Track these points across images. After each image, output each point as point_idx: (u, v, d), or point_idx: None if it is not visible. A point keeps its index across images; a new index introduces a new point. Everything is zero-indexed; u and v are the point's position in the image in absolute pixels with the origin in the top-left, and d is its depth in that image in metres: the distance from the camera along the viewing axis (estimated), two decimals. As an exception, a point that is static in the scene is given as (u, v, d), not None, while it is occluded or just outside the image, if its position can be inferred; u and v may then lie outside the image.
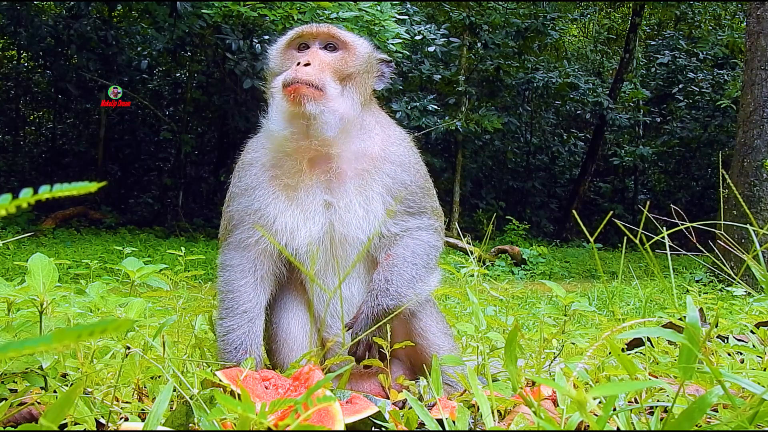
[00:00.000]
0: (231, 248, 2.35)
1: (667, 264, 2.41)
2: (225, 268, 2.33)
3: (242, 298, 2.28)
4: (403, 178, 2.34)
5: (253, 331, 2.25)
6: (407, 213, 2.34)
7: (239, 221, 2.33)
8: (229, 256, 2.35)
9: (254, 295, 2.30)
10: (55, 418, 1.27)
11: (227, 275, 2.32)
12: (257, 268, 2.32)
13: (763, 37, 11.32)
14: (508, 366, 1.67)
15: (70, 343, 0.85)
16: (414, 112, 19.33)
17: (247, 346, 2.21)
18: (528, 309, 6.06)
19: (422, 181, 2.43)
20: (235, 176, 2.44)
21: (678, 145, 26.03)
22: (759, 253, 2.03)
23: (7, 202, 0.99)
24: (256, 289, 2.31)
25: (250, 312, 2.27)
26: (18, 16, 18.17)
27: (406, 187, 2.33)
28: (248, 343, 2.22)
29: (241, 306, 2.27)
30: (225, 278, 2.32)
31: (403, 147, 2.42)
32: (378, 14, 14.93)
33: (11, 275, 9.83)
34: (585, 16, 29.39)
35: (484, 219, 21.85)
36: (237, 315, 2.26)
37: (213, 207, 21.15)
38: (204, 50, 20.22)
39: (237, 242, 2.33)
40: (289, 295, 2.43)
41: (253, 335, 2.25)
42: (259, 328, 2.29)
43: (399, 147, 2.40)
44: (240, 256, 2.32)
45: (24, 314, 2.04)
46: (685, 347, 1.40)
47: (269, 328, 2.38)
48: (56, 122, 23.64)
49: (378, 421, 1.69)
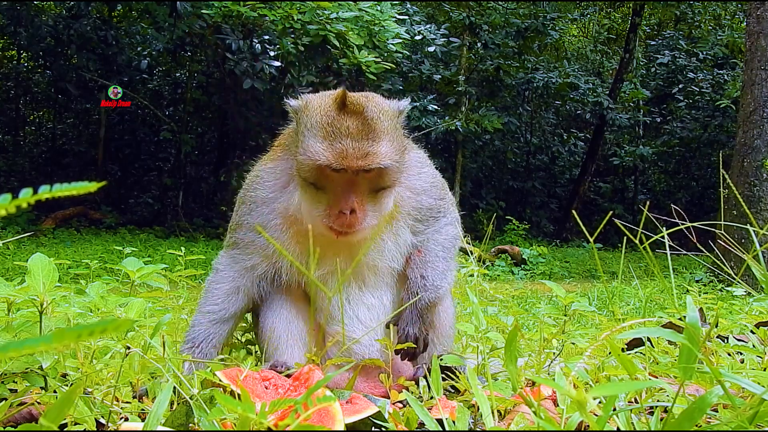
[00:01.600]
0: (226, 257, 2.48)
1: (667, 264, 2.41)
2: (213, 271, 2.50)
3: (212, 300, 2.43)
4: (428, 203, 2.46)
5: (212, 332, 2.38)
6: (433, 219, 2.48)
7: (243, 246, 2.42)
8: (221, 261, 2.49)
9: (224, 301, 2.42)
10: (55, 418, 1.27)
11: (211, 277, 2.48)
12: (236, 280, 2.43)
13: (763, 37, 11.32)
14: (508, 366, 1.67)
15: (70, 343, 0.85)
16: (414, 112, 19.34)
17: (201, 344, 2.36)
18: (528, 309, 6.06)
19: (441, 191, 2.53)
20: (245, 200, 2.44)
21: (678, 145, 26.03)
22: (759, 253, 2.03)
23: (7, 202, 0.99)
24: (228, 297, 2.42)
25: (213, 314, 2.40)
26: (18, 16, 18.18)
27: (430, 208, 2.47)
28: (203, 343, 2.36)
29: (206, 306, 2.43)
30: (208, 279, 2.49)
31: (423, 175, 2.47)
32: (378, 14, 14.93)
33: (11, 275, 9.83)
34: (585, 16, 29.39)
35: (484, 219, 21.84)
36: (201, 314, 2.43)
37: (213, 207, 21.15)
38: (204, 50, 20.21)
39: (232, 256, 2.45)
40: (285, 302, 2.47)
41: (210, 336, 2.38)
42: (220, 331, 2.41)
43: (420, 178, 2.46)
44: (230, 267, 2.45)
45: (24, 314, 2.04)
46: (685, 347, 1.40)
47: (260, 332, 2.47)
48: (56, 122, 23.65)
49: (378, 421, 1.69)
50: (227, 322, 2.43)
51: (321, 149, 2.12)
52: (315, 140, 2.14)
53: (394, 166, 2.19)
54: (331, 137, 2.12)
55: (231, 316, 2.43)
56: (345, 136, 2.11)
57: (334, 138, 2.12)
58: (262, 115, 19.60)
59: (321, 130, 2.14)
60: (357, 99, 2.18)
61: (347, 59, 14.94)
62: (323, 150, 2.11)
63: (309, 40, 14.76)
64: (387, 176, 2.20)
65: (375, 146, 2.12)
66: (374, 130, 2.14)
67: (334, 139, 2.12)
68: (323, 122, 2.14)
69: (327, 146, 2.12)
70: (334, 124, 2.13)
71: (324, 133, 2.13)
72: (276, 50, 16.72)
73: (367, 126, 2.14)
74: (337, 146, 2.11)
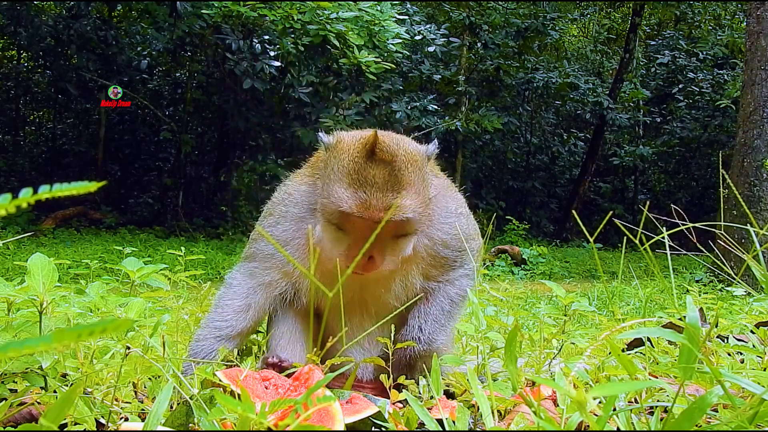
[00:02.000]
0: (241, 270, 2.45)
1: (667, 264, 2.41)
2: (225, 285, 2.45)
3: (220, 316, 2.39)
4: (446, 254, 2.40)
5: (216, 349, 2.33)
6: (449, 268, 2.42)
7: (262, 258, 2.40)
8: (235, 276, 2.45)
9: (233, 318, 2.38)
10: (55, 418, 1.27)
11: (222, 291, 2.44)
12: (249, 297, 2.40)
13: (763, 37, 11.32)
14: (508, 366, 1.67)
15: (70, 343, 0.85)
16: (414, 112, 19.34)
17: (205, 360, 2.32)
18: (528, 309, 6.06)
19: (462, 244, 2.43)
20: (274, 212, 2.42)
21: (678, 145, 26.03)
22: (759, 253, 2.03)
23: (7, 202, 0.99)
24: (237, 314, 2.38)
25: (219, 330, 2.36)
26: (18, 16, 18.18)
27: (446, 257, 2.40)
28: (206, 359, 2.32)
29: (214, 321, 2.38)
30: (219, 293, 2.46)
31: (447, 227, 2.39)
32: (378, 14, 14.94)
33: (11, 275, 9.83)
34: (585, 16, 29.39)
35: (484, 219, 21.74)
36: (208, 329, 2.38)
37: (213, 207, 21.15)
38: (204, 50, 20.22)
39: (249, 270, 2.42)
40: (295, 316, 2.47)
41: (214, 352, 2.33)
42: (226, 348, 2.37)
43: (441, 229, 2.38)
44: (245, 282, 2.41)
45: (24, 314, 2.04)
46: (685, 347, 1.40)
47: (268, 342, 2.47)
48: (56, 122, 23.64)
49: (378, 421, 1.69)
50: (233, 339, 2.38)
51: (346, 196, 2.11)
52: (340, 186, 2.13)
53: (417, 218, 2.18)
54: (356, 185, 2.11)
55: (238, 334, 2.39)
56: (370, 185, 2.10)
57: (359, 186, 2.11)
58: (262, 115, 19.60)
59: (347, 176, 2.13)
60: (387, 146, 2.15)
61: (347, 59, 14.95)
62: (348, 198, 2.11)
63: (309, 40, 14.77)
64: (410, 225, 2.19)
65: (399, 198, 2.12)
66: (400, 182, 2.13)
67: (359, 187, 2.11)
68: (350, 168, 2.13)
69: (351, 194, 2.11)
70: (360, 171, 2.12)
71: (350, 180, 2.12)
72: (276, 50, 16.73)
73: (394, 177, 2.12)
74: (361, 195, 2.10)
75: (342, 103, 17.32)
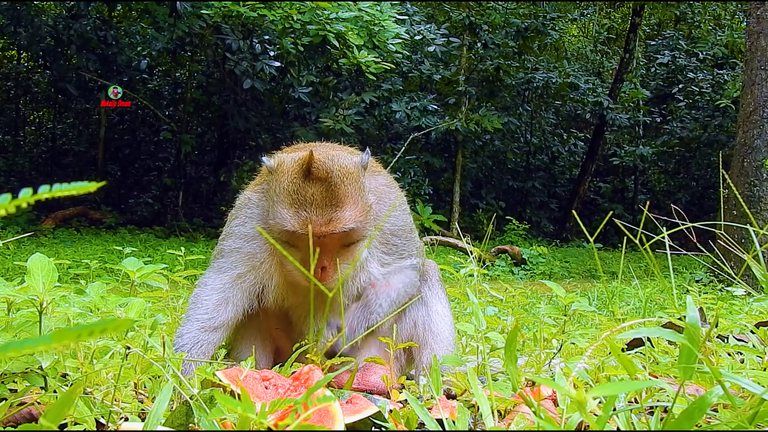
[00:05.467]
0: (211, 270, 2.54)
1: (667, 264, 2.41)
2: (198, 286, 2.53)
3: (201, 309, 2.44)
4: (395, 242, 2.58)
5: (201, 339, 2.39)
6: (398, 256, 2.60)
7: (228, 253, 2.50)
8: (206, 275, 2.54)
9: (213, 310, 2.44)
10: (55, 418, 1.27)
11: (197, 291, 2.51)
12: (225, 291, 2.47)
13: (763, 37, 11.32)
14: (508, 366, 1.67)
15: (70, 343, 0.85)
16: (414, 112, 19.34)
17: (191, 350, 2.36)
18: (528, 309, 6.06)
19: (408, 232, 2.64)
20: (236, 216, 2.55)
21: (678, 145, 26.02)
22: (759, 253, 2.04)
23: (7, 202, 0.99)
24: (217, 307, 2.44)
25: (202, 322, 2.42)
26: (18, 16, 18.17)
27: (397, 246, 2.58)
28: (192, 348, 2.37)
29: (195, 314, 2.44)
30: (195, 293, 2.53)
31: (393, 218, 2.57)
32: (378, 14, 14.93)
33: (11, 275, 9.83)
34: (585, 16, 29.38)
35: (484, 219, 21.84)
36: (190, 322, 2.44)
37: (213, 207, 21.15)
38: (204, 50, 20.22)
39: (218, 266, 2.50)
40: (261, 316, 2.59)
41: (200, 342, 2.39)
42: (209, 338, 2.43)
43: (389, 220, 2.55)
44: (217, 278, 2.48)
45: (24, 314, 2.04)
46: (685, 347, 1.40)
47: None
48: (56, 122, 23.65)
49: (378, 421, 1.69)
50: (216, 330, 2.44)
51: (288, 216, 2.25)
52: (283, 207, 2.27)
53: (359, 226, 2.31)
54: (297, 205, 2.25)
55: (220, 325, 2.44)
56: (310, 203, 2.24)
57: (300, 206, 2.24)
58: (262, 115, 19.60)
59: (288, 197, 2.26)
60: (322, 164, 2.27)
61: (347, 59, 14.94)
62: (290, 217, 2.25)
63: (309, 40, 14.76)
64: (355, 234, 2.32)
65: (339, 212, 2.25)
66: (338, 196, 2.25)
67: (300, 207, 2.24)
68: (290, 189, 2.26)
69: (293, 213, 2.24)
70: (299, 191, 2.25)
71: (291, 200, 2.25)
72: (276, 50, 16.73)
73: (331, 192, 2.25)
74: (302, 214, 2.24)
75: (342, 103, 17.32)
